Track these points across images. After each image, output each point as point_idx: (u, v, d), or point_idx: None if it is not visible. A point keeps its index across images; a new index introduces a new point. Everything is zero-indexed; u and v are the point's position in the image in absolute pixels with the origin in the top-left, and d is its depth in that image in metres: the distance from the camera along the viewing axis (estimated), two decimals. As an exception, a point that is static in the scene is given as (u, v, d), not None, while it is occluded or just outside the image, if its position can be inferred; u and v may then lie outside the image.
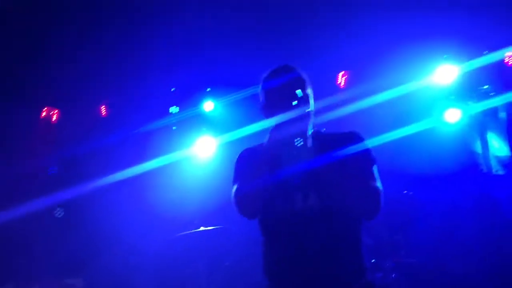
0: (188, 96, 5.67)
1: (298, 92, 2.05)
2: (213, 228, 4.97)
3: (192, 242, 5.15)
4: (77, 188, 5.25)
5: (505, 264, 4.51)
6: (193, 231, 5.02)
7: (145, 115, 5.64)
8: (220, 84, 5.56)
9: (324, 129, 2.23)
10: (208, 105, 5.69)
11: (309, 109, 2.10)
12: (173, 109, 5.82)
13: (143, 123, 5.58)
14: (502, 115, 5.18)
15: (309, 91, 2.16)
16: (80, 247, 5.44)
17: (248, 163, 2.13)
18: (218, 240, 5.15)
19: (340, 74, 5.40)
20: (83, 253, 5.45)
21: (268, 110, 2.09)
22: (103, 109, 5.69)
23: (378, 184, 2.05)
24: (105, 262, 5.36)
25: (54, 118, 5.59)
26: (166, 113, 5.81)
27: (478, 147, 5.26)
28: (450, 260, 4.64)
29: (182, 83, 5.55)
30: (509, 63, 4.80)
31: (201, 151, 5.77)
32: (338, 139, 2.13)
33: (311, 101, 2.15)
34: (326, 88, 5.25)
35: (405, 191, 4.75)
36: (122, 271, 5.32)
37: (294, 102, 2.02)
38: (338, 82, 5.38)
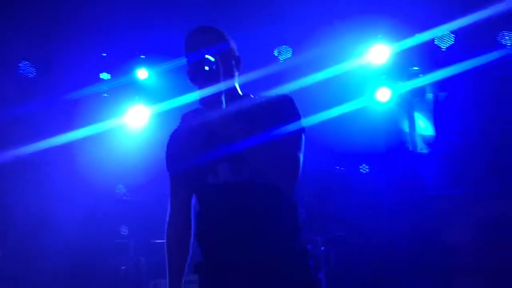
0: (121, 62, 5.44)
1: (209, 55, 1.84)
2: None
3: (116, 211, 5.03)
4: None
5: (426, 235, 4.76)
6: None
7: (74, 80, 5.35)
8: (154, 51, 5.38)
9: (253, 94, 2.13)
10: (142, 73, 5.49)
11: (225, 71, 1.90)
12: (104, 76, 5.57)
13: (72, 88, 5.30)
14: (429, 96, 5.40)
15: (229, 51, 2.04)
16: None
17: (176, 148, 2.08)
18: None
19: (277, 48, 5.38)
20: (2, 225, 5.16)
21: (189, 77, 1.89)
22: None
23: (300, 155, 1.96)
24: (23, 234, 5.09)
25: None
26: (97, 79, 5.56)
27: (405, 126, 5.48)
28: (376, 234, 4.84)
29: (114, 49, 5.31)
30: (440, 48, 5.00)
31: (133, 120, 5.61)
32: (268, 105, 2.02)
33: (230, 62, 2.03)
34: (263, 60, 5.24)
35: (338, 167, 4.87)
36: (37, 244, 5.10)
37: (205, 67, 1.82)
38: (276, 55, 5.36)
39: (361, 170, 4.81)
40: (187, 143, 2.03)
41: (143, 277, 4.82)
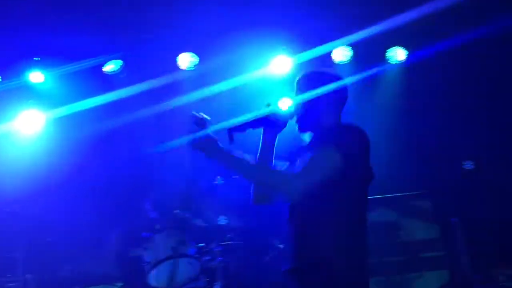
0: (11, 64, 5.08)
1: None
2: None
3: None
4: None
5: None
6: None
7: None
8: (51, 53, 5.10)
9: None
10: (36, 76, 5.18)
11: None
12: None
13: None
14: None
15: None
16: None
17: None
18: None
19: (181, 55, 5.34)
20: None
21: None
22: None
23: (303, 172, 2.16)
24: None
25: None
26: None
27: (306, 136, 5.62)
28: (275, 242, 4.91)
29: (4, 50, 4.94)
30: (335, 60, 5.24)
31: (25, 126, 5.26)
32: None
33: None
34: (166, 67, 5.18)
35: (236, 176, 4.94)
36: None
37: None
38: (180, 63, 5.31)
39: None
40: None
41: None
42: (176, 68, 5.29)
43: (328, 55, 5.21)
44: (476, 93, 5.36)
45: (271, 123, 2.38)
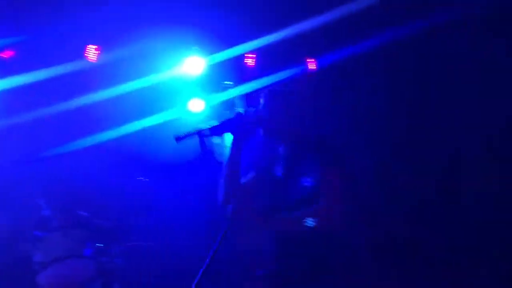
0: None
1: None
2: None
3: None
4: None
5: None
6: None
7: None
8: None
9: None
10: None
11: None
12: None
13: None
14: (239, 110, 5.61)
15: None
16: None
17: None
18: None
19: (91, 47, 5.10)
20: None
21: None
22: None
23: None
24: None
25: None
26: None
27: (215, 138, 5.58)
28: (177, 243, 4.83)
29: None
30: (248, 64, 5.27)
31: None
32: None
33: None
34: (70, 58, 4.91)
35: (142, 178, 4.81)
36: None
37: None
38: (86, 55, 5.07)
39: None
40: None
41: None
42: (81, 60, 5.04)
43: (241, 58, 5.22)
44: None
45: (239, 127, 2.45)
